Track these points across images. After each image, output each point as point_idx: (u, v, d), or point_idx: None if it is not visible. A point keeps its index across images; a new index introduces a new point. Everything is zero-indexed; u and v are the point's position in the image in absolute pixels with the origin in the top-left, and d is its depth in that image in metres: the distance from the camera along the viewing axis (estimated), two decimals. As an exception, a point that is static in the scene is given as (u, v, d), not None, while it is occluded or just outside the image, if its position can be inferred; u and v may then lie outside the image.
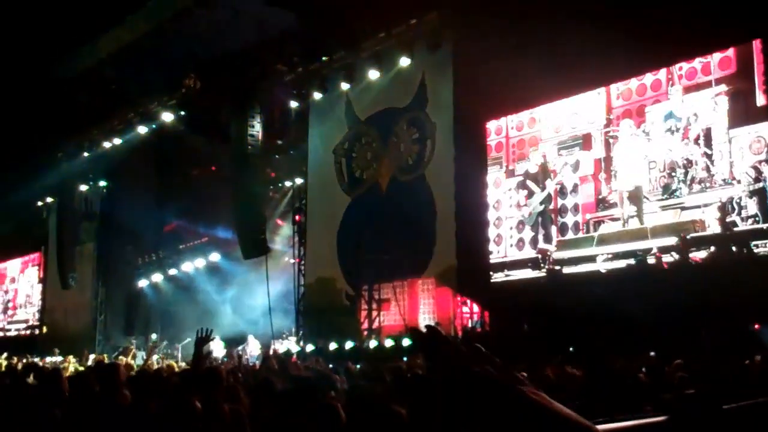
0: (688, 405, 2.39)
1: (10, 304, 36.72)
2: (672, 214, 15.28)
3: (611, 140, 16.58)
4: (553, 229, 17.41)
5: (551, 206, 17.52)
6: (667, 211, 15.40)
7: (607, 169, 16.61)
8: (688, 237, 14.49)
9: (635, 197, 15.86)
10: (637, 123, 16.19)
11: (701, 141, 14.90)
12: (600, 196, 16.71)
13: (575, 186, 17.17)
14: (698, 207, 14.77)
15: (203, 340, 6.15)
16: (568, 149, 17.47)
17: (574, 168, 17.25)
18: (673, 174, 15.32)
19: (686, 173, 15.10)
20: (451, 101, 18.63)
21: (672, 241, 14.82)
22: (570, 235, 17.02)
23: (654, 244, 15.24)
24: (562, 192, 17.43)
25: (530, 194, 17.65)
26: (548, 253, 17.07)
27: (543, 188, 17.43)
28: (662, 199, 15.50)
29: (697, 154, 14.94)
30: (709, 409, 2.43)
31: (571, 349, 12.24)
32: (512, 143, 18.27)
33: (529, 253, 17.56)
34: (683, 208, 15.10)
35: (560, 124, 17.66)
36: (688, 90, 15.36)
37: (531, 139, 17.95)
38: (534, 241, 17.60)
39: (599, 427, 1.38)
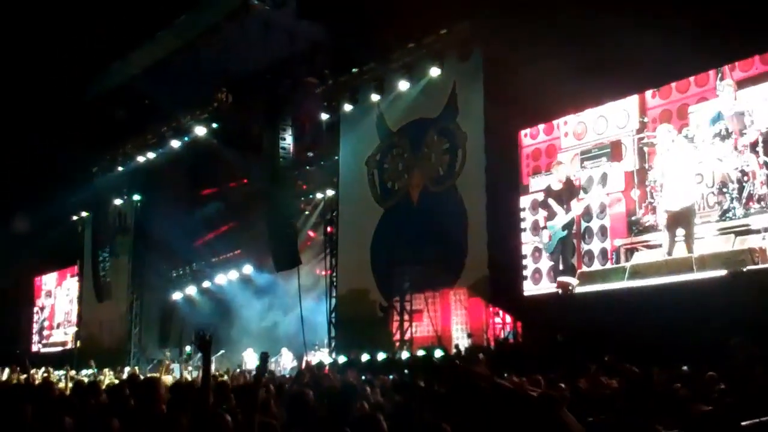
0: (706, 423, 2.33)
1: (46, 323, 37.00)
2: (723, 241, 12.84)
3: (646, 149, 14.47)
4: (576, 259, 15.56)
5: (574, 230, 15.71)
6: (717, 236, 12.96)
7: (642, 185, 14.40)
8: (744, 270, 12.22)
9: (683, 219, 13.55)
10: (678, 127, 13.86)
11: (760, 148, 12.44)
12: (633, 218, 14.48)
13: (602, 205, 15.15)
14: (758, 232, 12.33)
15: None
16: (592, 160, 15.47)
17: (601, 183, 15.22)
18: (725, 190, 12.82)
19: (741, 189, 12.57)
20: (481, 111, 18.47)
21: (722, 273, 12.55)
22: (596, 266, 15.18)
23: (700, 277, 13.00)
24: (586, 213, 15.46)
25: (551, 215, 16.30)
26: (570, 288, 15.68)
27: (567, 210, 15.90)
28: (710, 222, 13.16)
29: (754, 164, 12.46)
30: (726, 427, 2.36)
31: (606, 358, 11.96)
32: (526, 153, 17.13)
33: (547, 286, 16.31)
34: (738, 233, 12.58)
35: (583, 130, 15.79)
36: (742, 84, 12.88)
37: (548, 148, 16.61)
38: (552, 273, 16.21)
39: None
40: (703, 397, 7.09)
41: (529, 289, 16.74)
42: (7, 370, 19.09)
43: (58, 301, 36.22)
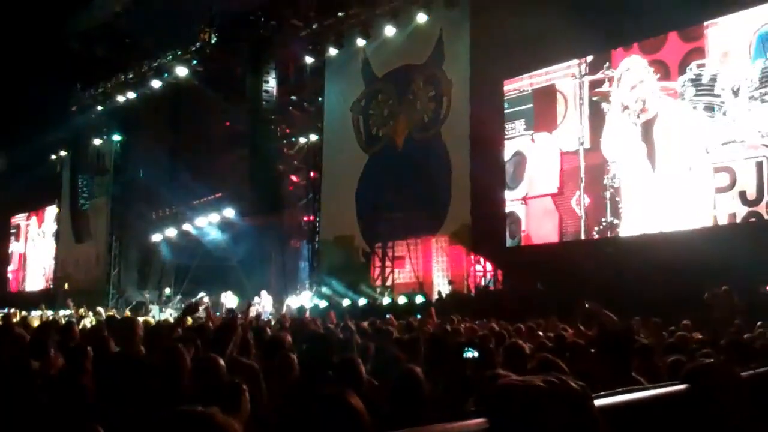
0: (707, 374, 2.37)
1: (21, 264, 36.77)
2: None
3: (607, 106, 9.15)
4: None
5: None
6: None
7: (594, 183, 8.70)
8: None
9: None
10: (676, 61, 7.89)
11: None
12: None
13: (514, 219, 10.02)
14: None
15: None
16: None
17: (512, 176, 10.36)
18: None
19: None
20: (468, 59, 18.46)
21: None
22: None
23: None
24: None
25: None
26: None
27: None
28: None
29: None
30: (727, 378, 2.40)
31: (586, 305, 11.92)
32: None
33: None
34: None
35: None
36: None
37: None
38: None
39: (607, 400, 1.31)
40: (680, 349, 7.18)
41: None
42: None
43: (36, 241, 36.00)
